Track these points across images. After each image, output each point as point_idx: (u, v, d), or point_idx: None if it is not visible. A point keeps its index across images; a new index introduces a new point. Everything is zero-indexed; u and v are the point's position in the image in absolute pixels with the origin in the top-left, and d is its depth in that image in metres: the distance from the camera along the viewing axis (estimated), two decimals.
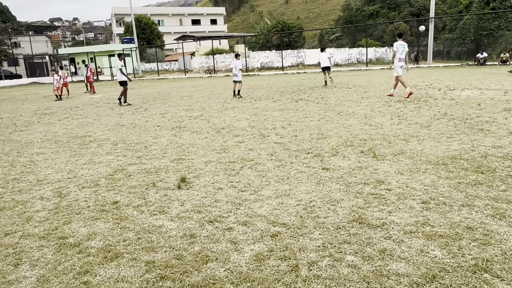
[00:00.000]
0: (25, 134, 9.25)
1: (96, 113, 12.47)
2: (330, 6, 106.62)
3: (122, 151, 6.73)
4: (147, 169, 5.52)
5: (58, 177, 5.35)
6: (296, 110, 10.19)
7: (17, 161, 6.49)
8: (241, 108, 11.24)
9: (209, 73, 35.57)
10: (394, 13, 50.96)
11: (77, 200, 4.38)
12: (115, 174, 5.36)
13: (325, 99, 12.04)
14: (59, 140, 8.13)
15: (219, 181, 4.77)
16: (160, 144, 7.11)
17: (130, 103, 14.59)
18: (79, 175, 5.43)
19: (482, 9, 36.16)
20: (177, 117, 10.40)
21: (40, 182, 5.18)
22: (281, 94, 14.51)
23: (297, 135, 7.08)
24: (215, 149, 6.44)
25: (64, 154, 6.82)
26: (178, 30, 69.63)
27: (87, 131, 9.05)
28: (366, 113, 9.00)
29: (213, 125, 8.81)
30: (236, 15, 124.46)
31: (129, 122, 10.08)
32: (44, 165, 6.11)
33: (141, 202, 4.20)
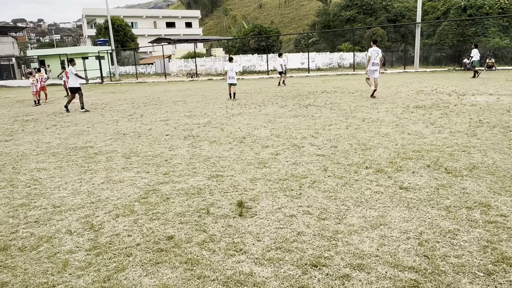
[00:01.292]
0: (12, 144, 8.10)
1: (86, 120, 11.35)
2: (304, 11, 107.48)
3: (140, 166, 5.81)
4: (184, 189, 4.65)
5: (78, 202, 4.41)
6: (312, 117, 9.51)
7: (17, 179, 5.45)
8: (249, 115, 10.45)
9: (190, 77, 34.48)
10: (371, 19, 51.57)
11: (117, 235, 3.48)
12: (148, 196, 4.47)
13: (336, 105, 11.43)
14: (57, 153, 7.09)
15: (285, 205, 3.99)
16: (182, 157, 6.23)
17: (89, 110, 13.66)
18: (102, 198, 4.50)
19: (460, 16, 36.93)
20: (182, 124, 9.50)
21: (57, 208, 4.22)
22: (282, 99, 13.81)
23: (336, 146, 6.38)
24: (252, 163, 5.64)
25: (70, 170, 5.82)
26: (152, 33, 67.91)
27: (85, 141, 8.02)
28: (393, 120, 8.43)
29: (230, 133, 7.99)
30: (209, 18, 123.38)
31: (130, 130, 9.09)
32: (52, 184, 5.12)
33: (204, 237, 3.36)
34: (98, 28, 56.90)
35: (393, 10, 50.63)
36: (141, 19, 69.06)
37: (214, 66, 38.22)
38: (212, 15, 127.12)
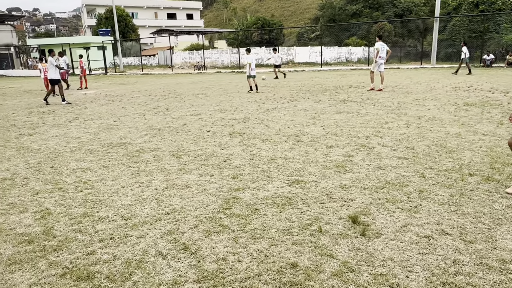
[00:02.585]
0: (38, 139, 7.38)
1: (109, 112, 10.61)
2: (305, 5, 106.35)
3: (199, 168, 5.13)
4: (269, 197, 3.99)
5: (149, 212, 3.73)
6: (358, 113, 8.85)
7: (62, 181, 4.75)
8: (286, 110, 9.77)
9: (198, 69, 33.63)
10: (378, 13, 50.78)
11: (224, 260, 2.82)
12: (231, 206, 3.81)
13: (374, 100, 10.78)
14: (94, 149, 6.38)
15: (408, 221, 3.34)
16: (241, 158, 5.56)
17: (70, 102, 13.25)
18: (176, 208, 3.83)
19: (472, 11, 36.30)
20: (218, 119, 8.80)
21: (129, 221, 3.55)
22: (311, 93, 13.13)
23: (413, 148, 5.73)
24: (328, 166, 4.98)
25: (119, 171, 5.13)
26: (153, 24, 66.76)
27: (119, 137, 7.31)
28: (452, 118, 7.80)
29: (279, 131, 7.31)
30: (208, 10, 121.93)
31: (163, 125, 8.39)
32: (107, 189, 4.44)
33: (336, 265, 2.71)
34: (98, 17, 55.62)
35: (400, 5, 49.86)
36: (142, 9, 67.79)
37: (220, 59, 37.41)
38: (212, 7, 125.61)
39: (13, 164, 5.67)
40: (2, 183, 4.79)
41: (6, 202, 4.11)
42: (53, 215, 3.75)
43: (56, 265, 2.81)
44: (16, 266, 2.82)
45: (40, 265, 2.83)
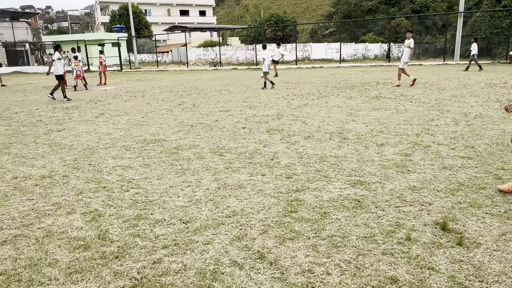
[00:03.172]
0: (68, 135, 7.13)
1: (134, 108, 10.35)
2: (317, 2, 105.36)
3: (246, 166, 4.82)
4: (335, 199, 3.65)
5: (208, 215, 3.42)
6: (397, 110, 8.45)
7: (105, 180, 4.47)
8: (318, 106, 9.41)
9: (214, 66, 33.35)
10: (394, 9, 49.94)
11: (310, 271, 2.50)
12: (297, 209, 3.48)
13: (410, 97, 10.36)
14: (128, 146, 6.10)
15: (504, 229, 2.97)
16: (288, 156, 5.22)
17: (70, 99, 12.97)
18: (236, 210, 3.52)
19: (494, 7, 35.40)
20: (250, 115, 8.47)
21: (189, 224, 3.24)
22: (339, 89, 12.73)
23: (473, 146, 5.34)
24: (386, 166, 4.62)
25: (162, 169, 4.84)
26: (166, 21, 66.73)
27: (152, 133, 7.03)
28: (502, 116, 7.37)
29: (319, 127, 6.96)
30: (220, 7, 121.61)
31: (194, 121, 8.09)
32: (154, 188, 4.15)
33: (442, 281, 2.35)
34: (112, 14, 55.71)
35: (417, 1, 48.93)
36: (155, 6, 67.77)
37: (235, 55, 37.08)
38: (223, 4, 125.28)
39: (48, 160, 5.42)
40: (42, 181, 4.53)
41: (50, 202, 3.84)
42: (104, 217, 3.46)
43: (123, 275, 2.51)
44: (78, 276, 2.53)
45: (104, 274, 2.53)
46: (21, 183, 4.48)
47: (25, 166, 5.18)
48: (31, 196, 4.03)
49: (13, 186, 4.38)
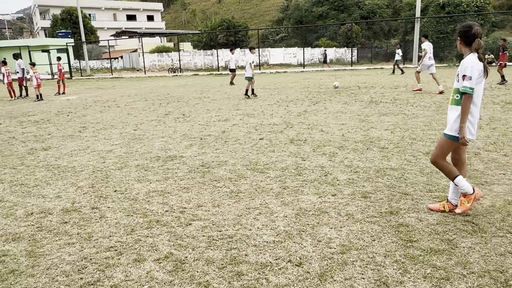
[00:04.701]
0: (60, 154, 6.15)
1: (117, 119, 9.37)
2: (264, 7, 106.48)
3: (304, 185, 4.28)
4: (444, 223, 3.21)
5: (326, 254, 2.84)
6: (406, 115, 8.29)
7: (149, 211, 3.72)
8: (321, 112, 9.04)
9: (173, 72, 32.16)
10: (344, 15, 51.47)
11: None
12: (415, 238, 2.99)
13: (404, 100, 10.32)
14: (145, 166, 5.31)
15: None
16: (341, 170, 4.75)
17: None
18: (350, 245, 2.97)
19: (438, 13, 37.51)
20: (256, 124, 7.91)
21: (324, 273, 2.63)
22: (326, 94, 12.49)
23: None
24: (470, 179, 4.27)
25: (205, 192, 4.17)
26: (112, 26, 63.95)
27: (160, 149, 6.25)
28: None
29: (342, 136, 6.57)
30: (166, 13, 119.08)
31: (198, 133, 7.38)
32: (221, 219, 3.50)
33: None
34: (54, 19, 52.27)
35: (365, 7, 50.81)
36: (100, 11, 64.70)
37: (193, 61, 36.12)
38: (170, 9, 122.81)
39: (58, 188, 4.51)
40: (68, 216, 3.67)
41: (102, 247, 3.05)
42: (188, 262, 2.75)
43: None
44: None
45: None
46: (43, 221, 3.60)
47: (33, 197, 4.25)
48: (69, 240, 3.19)
49: (36, 226, 3.50)
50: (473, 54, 3.14)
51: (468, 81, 3.06)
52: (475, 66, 3.08)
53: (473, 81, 3.07)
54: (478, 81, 3.12)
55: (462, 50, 3.27)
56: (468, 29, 3.16)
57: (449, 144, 3.29)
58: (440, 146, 3.33)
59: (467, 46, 3.19)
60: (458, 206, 3.33)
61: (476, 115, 3.23)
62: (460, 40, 3.24)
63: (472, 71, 3.06)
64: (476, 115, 3.22)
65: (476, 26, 3.13)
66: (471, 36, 3.13)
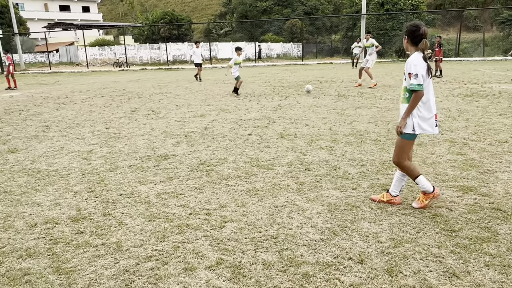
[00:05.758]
0: (33, 157, 5.60)
1: (81, 117, 8.72)
2: (206, 1, 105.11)
3: (325, 182, 4.24)
4: (501, 210, 3.34)
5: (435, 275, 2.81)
6: (379, 108, 8.60)
7: (173, 215, 3.48)
8: (296, 107, 9.09)
9: (119, 66, 30.64)
10: (288, 10, 52.26)
11: None
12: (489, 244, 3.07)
13: (370, 94, 10.69)
14: (138, 166, 4.99)
15: None
16: (345, 164, 4.79)
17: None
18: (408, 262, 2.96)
19: (378, 10, 39.34)
20: (236, 120, 7.76)
21: None
22: (292, 89, 12.57)
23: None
24: (473, 168, 4.49)
25: (220, 192, 4.00)
26: (44, 17, 59.55)
27: (146, 147, 5.91)
28: (484, 110, 7.94)
29: (330, 130, 6.65)
30: (102, 4, 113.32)
31: (179, 130, 7.08)
32: (258, 221, 3.34)
33: None
34: None
35: (308, 3, 51.95)
36: (29, 0, 59.88)
37: (138, 55, 34.71)
38: (106, 1, 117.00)
39: (53, 195, 4.08)
40: (80, 225, 3.32)
41: (141, 257, 2.78)
42: (246, 268, 2.60)
43: None
44: None
45: None
46: (53, 232, 3.22)
47: (26, 206, 3.79)
48: (96, 251, 2.88)
49: (48, 238, 3.11)
50: (418, 53, 3.17)
51: (414, 79, 3.08)
52: (419, 64, 3.11)
53: (420, 77, 3.08)
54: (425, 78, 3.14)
55: (408, 48, 3.27)
56: (415, 29, 3.16)
57: (406, 143, 3.31)
58: (398, 147, 3.36)
59: (414, 45, 3.20)
60: (416, 201, 3.45)
61: (432, 111, 3.23)
62: (407, 39, 3.24)
63: (417, 69, 3.08)
64: (432, 111, 3.22)
65: (423, 26, 3.16)
66: (419, 36, 3.14)
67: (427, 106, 3.21)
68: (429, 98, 3.19)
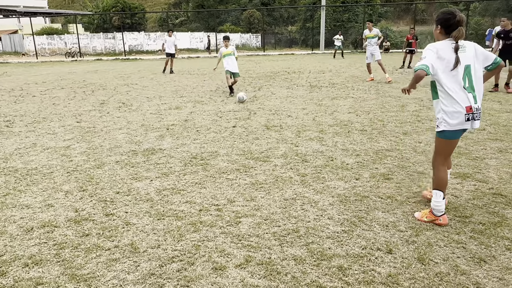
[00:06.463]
0: (3, 155, 5.17)
1: (45, 110, 8.19)
2: None
3: (326, 173, 4.25)
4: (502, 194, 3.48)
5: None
6: (355, 99, 8.76)
7: (183, 213, 3.34)
8: (271, 98, 9.06)
9: (71, 56, 29.03)
10: (245, 1, 51.94)
11: None
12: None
13: (342, 85, 10.86)
14: (125, 162, 4.76)
15: None
16: (340, 154, 4.82)
17: None
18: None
19: (335, 2, 40.05)
20: (215, 112, 7.62)
21: None
22: (262, 80, 12.51)
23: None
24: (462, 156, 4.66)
25: (223, 186, 3.90)
26: None
27: (128, 141, 5.64)
28: None
29: (314, 121, 6.69)
30: None
31: (160, 123, 6.82)
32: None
33: None
34: None
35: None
36: None
37: (91, 45, 33.09)
38: None
39: (41, 196, 3.77)
40: (82, 227, 3.09)
41: (163, 258, 2.62)
42: (278, 264, 2.53)
43: None
44: None
45: None
46: (54, 236, 2.97)
47: (14, 209, 3.48)
48: (111, 255, 2.69)
49: (51, 243, 2.87)
50: (448, 40, 2.83)
51: (419, 61, 2.86)
52: (432, 48, 2.82)
53: (428, 58, 2.79)
54: (446, 69, 2.81)
55: (439, 39, 2.91)
56: (450, 16, 2.80)
57: (439, 142, 3.02)
58: (434, 146, 3.11)
59: (446, 35, 2.85)
60: (420, 212, 3.14)
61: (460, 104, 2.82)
62: (439, 28, 2.88)
63: (426, 52, 2.83)
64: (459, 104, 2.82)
65: (459, 13, 2.79)
66: (454, 24, 2.78)
67: (451, 99, 2.83)
68: (455, 90, 2.82)
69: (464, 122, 2.85)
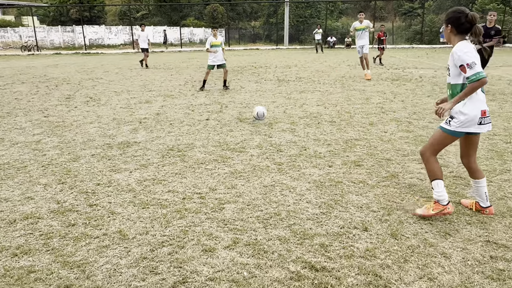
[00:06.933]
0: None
1: (8, 105, 7.91)
2: None
3: (306, 162, 4.46)
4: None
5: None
6: (322, 92, 9.05)
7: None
8: (242, 92, 9.19)
9: (28, 50, 27.73)
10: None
11: None
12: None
13: (307, 79, 11.16)
14: (101, 155, 4.77)
15: None
16: (314, 144, 5.06)
17: None
18: None
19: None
20: (187, 106, 7.67)
21: None
22: (232, 74, 12.59)
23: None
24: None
25: (207, 176, 4.02)
26: None
27: (102, 135, 5.63)
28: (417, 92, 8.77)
29: (285, 113, 6.90)
30: None
31: (132, 117, 6.80)
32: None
33: None
34: None
35: None
36: None
37: (49, 38, 31.78)
38: None
39: (19, 190, 3.74)
40: (67, 217, 3.12)
41: (153, 244, 2.72)
42: (265, 244, 2.70)
43: None
44: None
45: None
46: (40, 227, 2.98)
47: None
48: (101, 242, 2.75)
49: (37, 234, 2.88)
50: (465, 41, 2.74)
51: (471, 69, 2.60)
52: (470, 50, 2.66)
53: (479, 65, 2.61)
54: None
55: (451, 39, 2.81)
56: (460, 15, 2.70)
57: (444, 136, 2.88)
58: (434, 137, 2.96)
59: (460, 35, 2.75)
60: (423, 207, 3.04)
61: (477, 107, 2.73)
62: (450, 28, 2.77)
63: (469, 56, 2.62)
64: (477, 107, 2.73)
65: (469, 11, 2.71)
66: (466, 23, 2.69)
67: (476, 102, 2.73)
68: (480, 91, 2.74)
69: (476, 125, 2.76)
